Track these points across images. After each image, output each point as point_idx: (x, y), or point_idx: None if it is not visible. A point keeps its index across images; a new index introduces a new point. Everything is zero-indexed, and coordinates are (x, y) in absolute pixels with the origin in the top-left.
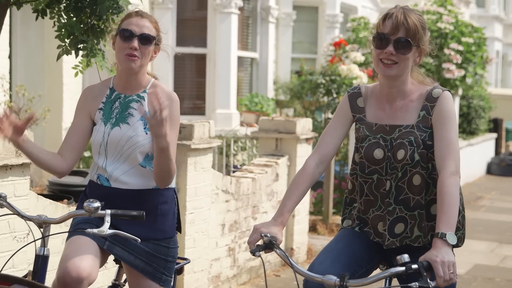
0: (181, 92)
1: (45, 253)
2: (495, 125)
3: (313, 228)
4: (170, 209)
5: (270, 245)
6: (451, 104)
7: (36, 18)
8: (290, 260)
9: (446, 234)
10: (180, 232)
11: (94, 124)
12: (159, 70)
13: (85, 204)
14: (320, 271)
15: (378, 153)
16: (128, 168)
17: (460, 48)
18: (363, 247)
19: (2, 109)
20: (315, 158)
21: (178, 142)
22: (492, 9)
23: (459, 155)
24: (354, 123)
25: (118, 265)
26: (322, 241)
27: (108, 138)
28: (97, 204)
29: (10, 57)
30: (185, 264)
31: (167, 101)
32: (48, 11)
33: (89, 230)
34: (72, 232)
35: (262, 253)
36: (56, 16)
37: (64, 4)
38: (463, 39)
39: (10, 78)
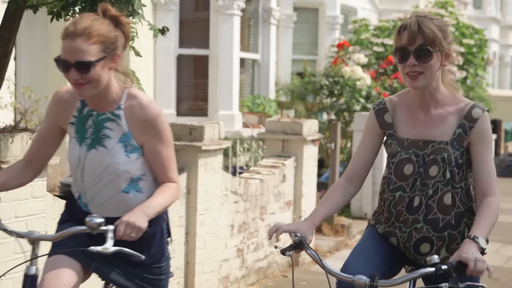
0: (183, 94)
1: (34, 272)
2: (494, 126)
3: (318, 229)
4: (157, 230)
5: (300, 245)
6: (490, 125)
7: (51, 20)
8: (322, 261)
9: (478, 237)
10: (171, 239)
11: (65, 133)
12: (162, 71)
13: (87, 219)
14: (354, 272)
15: (408, 169)
16: (109, 196)
17: (462, 49)
18: (391, 248)
19: (9, 111)
20: (346, 178)
21: (189, 143)
22: (489, 11)
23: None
24: (385, 138)
25: (103, 281)
26: (328, 242)
27: (85, 162)
28: (100, 220)
29: (14, 58)
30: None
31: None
32: (63, 13)
33: (92, 248)
34: (52, 252)
35: (292, 252)
36: (71, 19)
37: (79, 7)
38: (464, 41)
39: (15, 80)
